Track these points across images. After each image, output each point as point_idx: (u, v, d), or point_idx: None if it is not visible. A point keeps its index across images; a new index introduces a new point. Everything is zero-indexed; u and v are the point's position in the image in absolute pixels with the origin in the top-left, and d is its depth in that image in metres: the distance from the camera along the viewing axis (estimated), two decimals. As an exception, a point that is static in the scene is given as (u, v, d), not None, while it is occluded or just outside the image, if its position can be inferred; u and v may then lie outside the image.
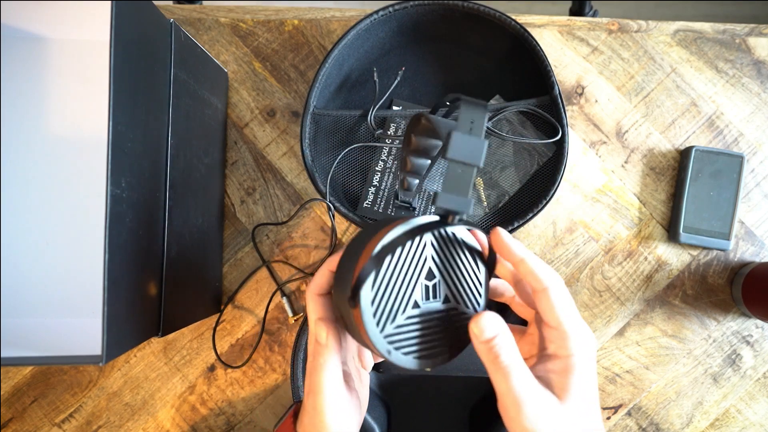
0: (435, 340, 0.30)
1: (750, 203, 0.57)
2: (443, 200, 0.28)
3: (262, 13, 0.59)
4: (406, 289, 0.29)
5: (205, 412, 0.56)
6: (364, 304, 0.28)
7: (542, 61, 0.51)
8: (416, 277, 0.29)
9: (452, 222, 0.29)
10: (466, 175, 0.28)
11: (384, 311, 0.29)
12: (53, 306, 0.50)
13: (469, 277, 0.30)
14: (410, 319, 0.29)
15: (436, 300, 0.30)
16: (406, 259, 0.29)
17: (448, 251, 0.30)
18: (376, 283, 0.28)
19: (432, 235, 0.29)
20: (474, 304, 0.31)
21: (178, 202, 0.45)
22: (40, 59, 0.51)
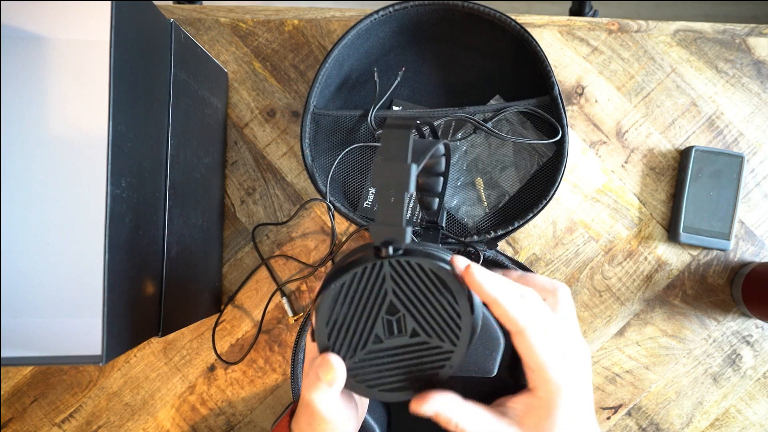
0: (403, 374, 0.29)
1: (750, 203, 0.57)
2: (375, 232, 0.26)
3: (262, 13, 0.59)
4: (364, 325, 0.28)
5: (205, 412, 0.56)
6: (319, 341, 0.28)
7: (542, 61, 0.51)
8: (374, 312, 0.28)
9: (385, 255, 0.27)
10: (397, 203, 0.26)
11: (342, 346, 0.28)
12: (53, 306, 0.50)
13: (441, 308, 0.28)
14: (372, 354, 0.28)
15: (401, 334, 0.28)
16: (363, 294, 0.28)
17: (412, 283, 0.28)
18: (331, 320, 0.28)
19: (391, 268, 0.28)
20: (450, 337, 0.28)
21: (178, 202, 0.45)
22: (40, 59, 0.51)
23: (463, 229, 0.55)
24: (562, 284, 0.35)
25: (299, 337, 0.53)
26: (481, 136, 0.55)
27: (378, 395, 0.29)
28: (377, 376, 0.29)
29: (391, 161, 0.26)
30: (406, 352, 0.29)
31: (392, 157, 0.26)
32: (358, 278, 0.28)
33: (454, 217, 0.55)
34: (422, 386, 0.29)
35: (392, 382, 0.29)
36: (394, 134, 0.27)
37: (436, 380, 0.29)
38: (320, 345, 0.28)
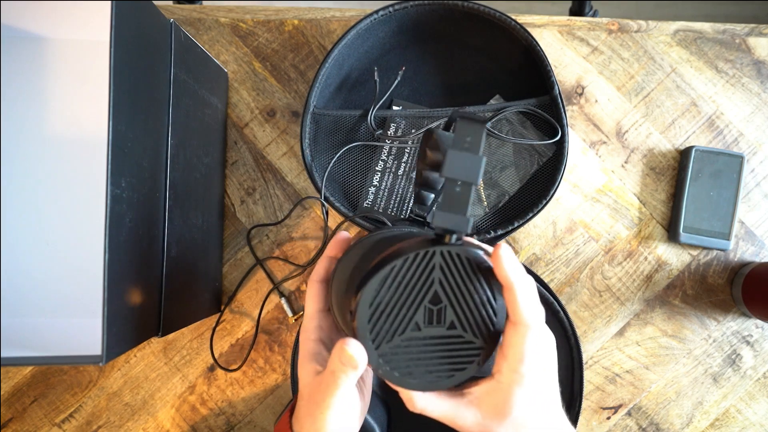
0: (433, 366, 0.29)
1: (750, 203, 0.57)
2: (440, 219, 0.27)
3: (262, 13, 0.59)
4: (407, 312, 0.28)
5: (205, 412, 0.56)
6: (360, 321, 0.28)
7: (542, 61, 0.51)
8: (419, 300, 0.28)
9: (449, 242, 0.28)
10: (464, 193, 0.27)
11: (381, 330, 0.28)
12: (53, 306, 0.50)
13: (481, 305, 0.29)
14: (409, 341, 0.29)
15: (440, 325, 0.29)
16: (411, 280, 0.28)
17: (459, 275, 0.29)
18: (376, 301, 0.28)
19: (441, 258, 0.28)
20: (484, 334, 0.29)
21: (178, 202, 0.45)
22: (40, 59, 0.51)
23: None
24: None
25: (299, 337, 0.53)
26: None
27: (407, 384, 0.29)
28: (408, 364, 0.29)
29: (463, 152, 0.27)
30: (441, 343, 0.29)
31: (466, 149, 0.27)
32: (408, 264, 0.28)
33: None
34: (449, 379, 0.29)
35: (422, 372, 0.29)
36: (469, 127, 0.28)
37: (462, 375, 0.29)
38: (360, 326, 0.28)
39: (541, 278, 0.54)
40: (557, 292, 0.57)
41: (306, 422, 0.31)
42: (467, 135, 0.27)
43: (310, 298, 0.34)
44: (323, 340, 0.33)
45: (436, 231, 0.28)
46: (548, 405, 0.31)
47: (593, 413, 0.56)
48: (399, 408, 0.53)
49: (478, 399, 0.31)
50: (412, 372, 0.29)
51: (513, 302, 0.29)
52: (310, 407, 0.31)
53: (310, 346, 0.33)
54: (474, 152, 0.27)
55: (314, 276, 0.34)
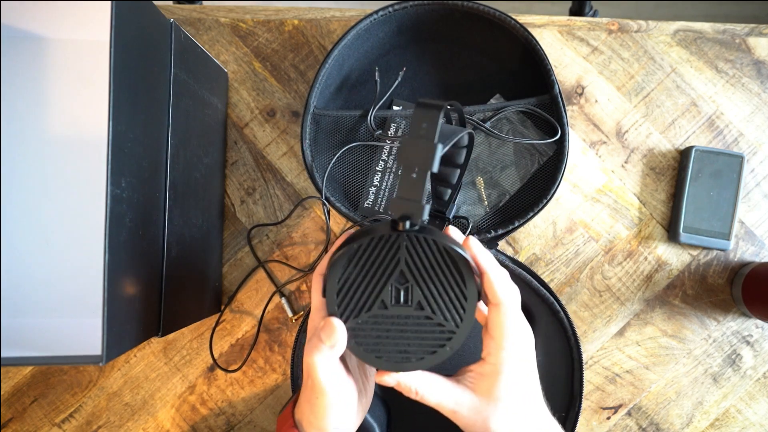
0: (402, 346, 0.30)
1: (750, 203, 0.57)
2: (394, 206, 0.27)
3: (262, 13, 0.59)
4: (373, 289, 0.29)
5: (205, 412, 0.56)
6: (329, 295, 0.29)
7: (542, 61, 0.51)
8: (385, 278, 0.29)
9: (402, 228, 0.28)
10: (419, 180, 0.27)
11: (349, 305, 0.29)
12: (53, 306, 0.50)
13: (450, 288, 0.30)
14: (376, 318, 0.30)
15: (407, 305, 0.30)
16: (376, 258, 0.29)
17: (425, 257, 0.29)
18: (343, 277, 0.29)
19: (408, 239, 0.29)
20: (454, 317, 0.30)
21: (178, 202, 0.45)
22: (40, 59, 0.51)
23: (464, 228, 0.55)
24: None
25: (299, 337, 0.53)
26: (481, 136, 0.55)
27: (374, 361, 0.30)
28: (377, 341, 0.30)
29: (418, 139, 0.27)
30: (409, 323, 0.30)
31: (420, 135, 0.27)
32: (374, 243, 0.29)
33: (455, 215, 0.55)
34: (418, 361, 0.30)
35: (390, 351, 0.30)
36: (424, 113, 0.28)
37: (433, 358, 0.30)
38: (329, 301, 0.29)
39: (541, 278, 0.54)
40: (557, 292, 0.57)
41: (306, 409, 0.32)
42: (423, 121, 0.27)
43: (316, 291, 0.34)
44: None
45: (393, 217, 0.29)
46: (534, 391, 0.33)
47: (593, 413, 0.56)
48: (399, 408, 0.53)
49: (472, 383, 0.32)
50: (380, 350, 0.30)
51: (489, 284, 0.31)
52: (308, 395, 0.32)
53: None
54: (428, 139, 0.27)
55: (319, 269, 0.35)
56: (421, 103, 0.28)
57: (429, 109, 0.28)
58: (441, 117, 0.27)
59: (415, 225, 0.29)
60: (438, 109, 0.27)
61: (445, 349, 0.30)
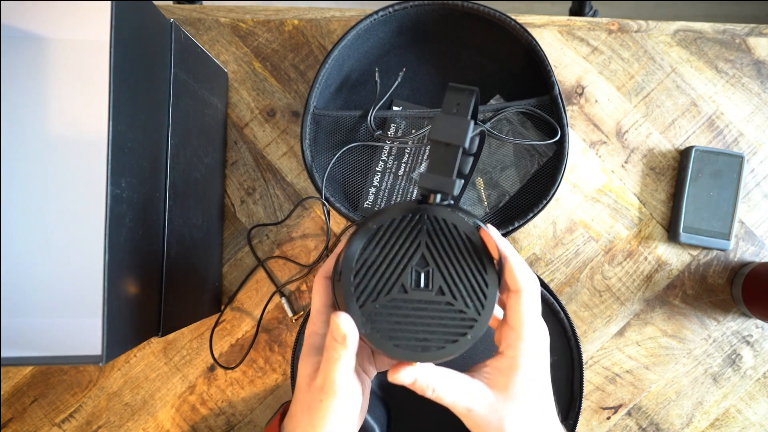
0: (421, 333, 0.28)
1: (750, 203, 0.57)
2: (425, 180, 0.27)
3: (262, 13, 0.59)
4: (393, 271, 0.28)
5: (205, 412, 0.56)
6: (345, 278, 0.28)
7: (542, 61, 0.51)
8: (405, 261, 0.28)
9: (433, 202, 0.28)
10: (450, 156, 0.27)
11: (366, 288, 0.28)
12: (53, 306, 0.50)
13: (471, 274, 0.29)
14: (395, 302, 0.28)
15: (427, 290, 0.28)
16: (397, 241, 0.28)
17: (446, 241, 0.28)
18: (361, 259, 0.28)
19: (429, 222, 0.28)
20: (476, 305, 0.28)
21: (178, 202, 0.45)
22: (40, 59, 0.51)
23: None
24: None
25: (299, 337, 0.53)
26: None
27: (391, 350, 0.28)
28: (395, 327, 0.28)
29: (451, 115, 0.27)
30: (430, 309, 0.28)
31: (453, 113, 0.27)
32: (396, 224, 0.28)
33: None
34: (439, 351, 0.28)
35: (409, 338, 0.28)
36: (457, 94, 0.28)
37: (454, 348, 0.28)
38: (344, 282, 0.28)
39: (541, 278, 0.54)
40: (557, 292, 0.57)
41: (302, 417, 0.31)
42: (456, 101, 0.28)
43: (318, 294, 0.33)
44: None
45: (422, 192, 0.28)
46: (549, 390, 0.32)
47: (593, 413, 0.56)
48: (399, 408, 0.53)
49: (488, 379, 0.30)
50: (398, 337, 0.28)
51: (510, 270, 0.30)
52: (309, 399, 0.30)
53: (315, 341, 0.32)
54: (462, 115, 0.27)
55: (322, 272, 0.34)
56: (454, 86, 0.28)
57: (462, 91, 0.28)
58: (473, 98, 0.28)
59: (445, 199, 0.28)
60: (471, 92, 0.28)
61: (467, 338, 0.28)
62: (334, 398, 0.29)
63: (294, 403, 0.32)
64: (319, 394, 0.29)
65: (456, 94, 0.28)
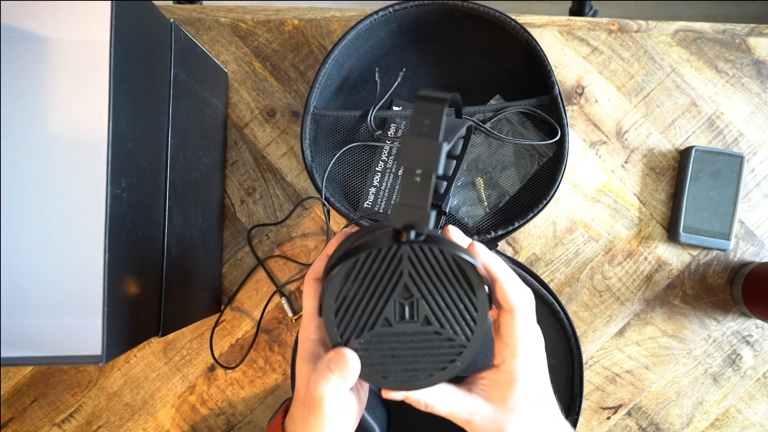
0: (409, 364, 0.27)
1: (750, 203, 0.57)
2: (397, 213, 0.25)
3: (262, 13, 0.59)
4: (375, 306, 0.27)
5: (205, 412, 0.56)
6: (326, 315, 0.27)
7: (542, 61, 0.51)
8: (387, 293, 0.27)
9: (406, 240, 0.26)
10: (424, 184, 0.24)
11: (350, 324, 0.27)
12: (53, 306, 0.50)
13: (459, 299, 0.27)
14: (380, 337, 0.27)
15: (413, 321, 0.27)
16: (377, 273, 0.27)
17: (430, 268, 0.27)
18: (341, 295, 0.27)
19: (411, 249, 0.26)
20: (464, 331, 0.27)
21: (178, 202, 0.45)
22: (40, 59, 0.51)
23: (464, 229, 0.55)
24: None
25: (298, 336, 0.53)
26: (481, 136, 0.55)
27: (380, 382, 0.27)
28: (382, 361, 0.27)
29: (421, 138, 0.24)
30: (416, 340, 0.27)
31: (423, 134, 0.24)
32: (373, 257, 0.27)
33: (454, 216, 0.55)
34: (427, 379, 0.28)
35: (397, 371, 0.27)
36: (426, 108, 0.25)
37: (443, 374, 0.28)
38: (326, 320, 0.27)
39: (541, 278, 0.54)
40: (557, 292, 0.57)
41: (300, 425, 0.31)
42: (425, 118, 0.25)
43: (308, 297, 0.33)
44: (323, 341, 0.32)
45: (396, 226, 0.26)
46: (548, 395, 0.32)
47: (593, 413, 0.56)
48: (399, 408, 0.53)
49: (486, 391, 0.30)
50: (387, 369, 0.27)
51: (501, 291, 0.29)
52: (304, 412, 0.30)
53: (308, 346, 0.32)
54: (432, 137, 0.24)
55: (311, 273, 0.33)
56: (423, 96, 0.25)
57: (432, 103, 0.25)
58: (445, 112, 0.25)
59: (420, 235, 0.26)
60: (441, 102, 0.25)
61: (456, 365, 0.27)
62: (327, 420, 0.29)
63: (293, 409, 0.32)
64: (313, 411, 0.29)
65: (424, 107, 0.25)
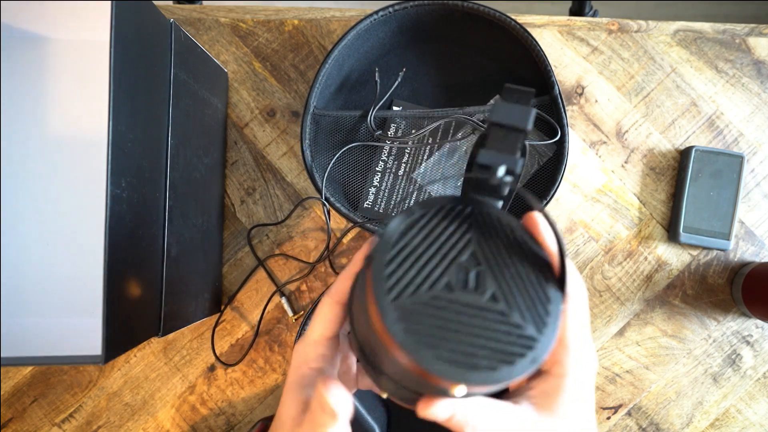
0: (468, 346, 0.21)
1: (750, 203, 0.57)
2: (485, 156, 0.22)
3: (262, 13, 0.59)
4: (437, 263, 0.23)
5: (205, 412, 0.56)
6: (377, 262, 0.22)
7: (542, 61, 0.51)
8: (453, 253, 0.23)
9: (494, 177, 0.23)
10: (512, 137, 0.23)
11: (403, 278, 0.22)
12: (53, 306, 0.50)
13: (529, 283, 0.23)
14: (437, 300, 0.22)
15: (478, 293, 0.22)
16: (444, 229, 0.23)
17: (500, 242, 0.23)
18: (400, 243, 0.23)
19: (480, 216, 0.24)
20: (535, 320, 0.22)
21: (178, 202, 0.45)
22: (40, 59, 0.51)
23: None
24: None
25: (299, 337, 0.53)
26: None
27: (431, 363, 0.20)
28: (436, 332, 0.21)
29: (513, 103, 0.24)
30: (479, 316, 0.22)
31: (515, 101, 0.24)
32: (444, 212, 0.24)
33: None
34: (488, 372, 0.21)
35: (453, 350, 0.21)
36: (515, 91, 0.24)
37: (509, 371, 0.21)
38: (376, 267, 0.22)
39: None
40: (557, 292, 0.57)
41: None
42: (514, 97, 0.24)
43: (322, 320, 0.27)
44: (324, 371, 0.28)
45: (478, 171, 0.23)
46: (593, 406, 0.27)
47: (593, 413, 0.56)
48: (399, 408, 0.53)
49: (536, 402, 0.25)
50: (439, 345, 0.21)
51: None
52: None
53: (305, 373, 0.27)
54: (525, 104, 0.24)
55: (334, 295, 0.27)
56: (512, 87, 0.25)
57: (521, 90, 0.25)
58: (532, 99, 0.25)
59: (511, 174, 0.23)
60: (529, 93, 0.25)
61: (525, 360, 0.21)
62: None
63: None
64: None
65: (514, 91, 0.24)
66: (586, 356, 0.26)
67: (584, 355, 0.25)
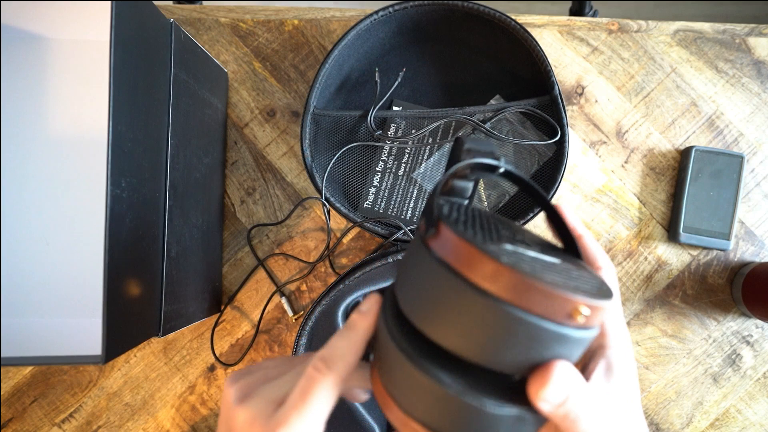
0: (569, 279, 0.20)
1: (750, 203, 0.57)
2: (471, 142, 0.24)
3: (262, 13, 0.59)
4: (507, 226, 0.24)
5: (205, 412, 0.56)
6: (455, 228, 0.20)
7: (542, 61, 0.51)
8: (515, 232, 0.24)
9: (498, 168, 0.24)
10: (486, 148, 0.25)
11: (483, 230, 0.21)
12: (53, 306, 0.50)
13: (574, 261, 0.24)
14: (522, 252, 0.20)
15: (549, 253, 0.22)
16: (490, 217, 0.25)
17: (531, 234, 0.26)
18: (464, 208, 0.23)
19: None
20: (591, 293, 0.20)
21: (178, 202, 0.45)
22: (40, 59, 0.51)
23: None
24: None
25: (299, 337, 0.53)
26: (481, 136, 0.55)
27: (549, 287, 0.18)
28: (536, 267, 0.20)
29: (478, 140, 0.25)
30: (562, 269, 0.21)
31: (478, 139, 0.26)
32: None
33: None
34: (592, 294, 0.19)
35: (554, 279, 0.19)
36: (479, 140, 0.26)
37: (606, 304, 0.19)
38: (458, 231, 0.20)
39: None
40: (557, 292, 0.57)
41: None
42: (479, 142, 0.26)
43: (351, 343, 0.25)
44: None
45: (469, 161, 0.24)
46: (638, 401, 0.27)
47: (593, 413, 0.56)
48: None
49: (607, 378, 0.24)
50: (541, 276, 0.19)
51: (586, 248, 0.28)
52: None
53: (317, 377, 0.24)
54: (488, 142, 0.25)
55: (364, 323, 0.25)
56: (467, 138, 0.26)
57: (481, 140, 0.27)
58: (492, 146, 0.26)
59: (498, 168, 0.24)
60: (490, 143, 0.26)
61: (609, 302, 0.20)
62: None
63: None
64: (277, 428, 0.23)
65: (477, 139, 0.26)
66: (625, 331, 0.27)
67: (624, 330, 0.26)
